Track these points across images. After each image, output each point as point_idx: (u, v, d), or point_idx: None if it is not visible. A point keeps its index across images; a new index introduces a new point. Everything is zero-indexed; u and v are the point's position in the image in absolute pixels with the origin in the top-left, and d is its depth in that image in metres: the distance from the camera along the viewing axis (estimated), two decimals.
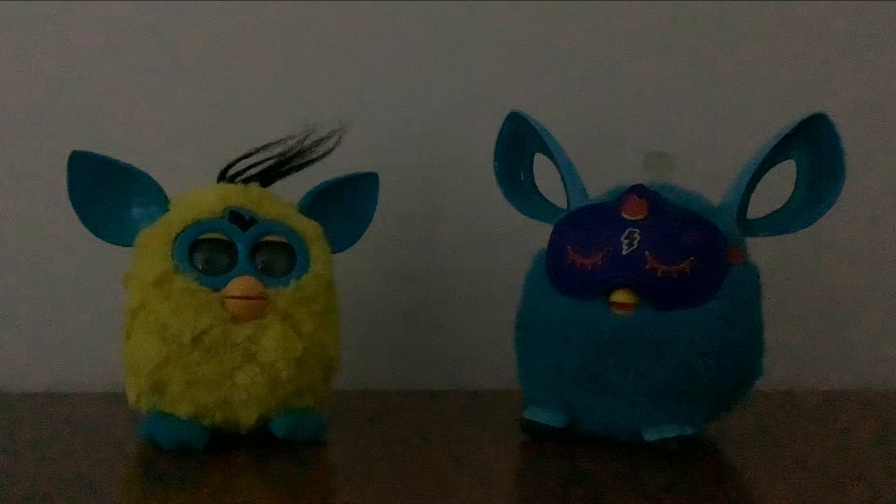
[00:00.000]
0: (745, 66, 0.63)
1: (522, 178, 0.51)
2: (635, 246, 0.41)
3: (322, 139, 0.47)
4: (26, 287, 0.58)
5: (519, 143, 0.50)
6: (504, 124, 0.50)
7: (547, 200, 0.50)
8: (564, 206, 0.48)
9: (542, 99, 0.61)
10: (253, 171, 0.46)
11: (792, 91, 0.63)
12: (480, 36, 0.62)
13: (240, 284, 0.40)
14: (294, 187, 0.46)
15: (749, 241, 0.44)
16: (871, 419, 0.53)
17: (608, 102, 0.62)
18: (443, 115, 0.61)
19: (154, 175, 0.43)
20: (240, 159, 0.45)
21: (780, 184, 0.45)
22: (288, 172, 0.47)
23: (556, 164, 0.48)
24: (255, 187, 0.44)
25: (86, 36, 0.58)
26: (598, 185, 0.47)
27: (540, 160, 0.50)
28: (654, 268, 0.41)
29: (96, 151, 0.43)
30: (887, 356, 0.64)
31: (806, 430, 0.49)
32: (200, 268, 0.41)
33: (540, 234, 0.47)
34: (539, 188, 0.51)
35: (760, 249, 0.45)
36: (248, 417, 0.41)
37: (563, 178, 0.48)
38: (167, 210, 0.43)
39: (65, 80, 0.58)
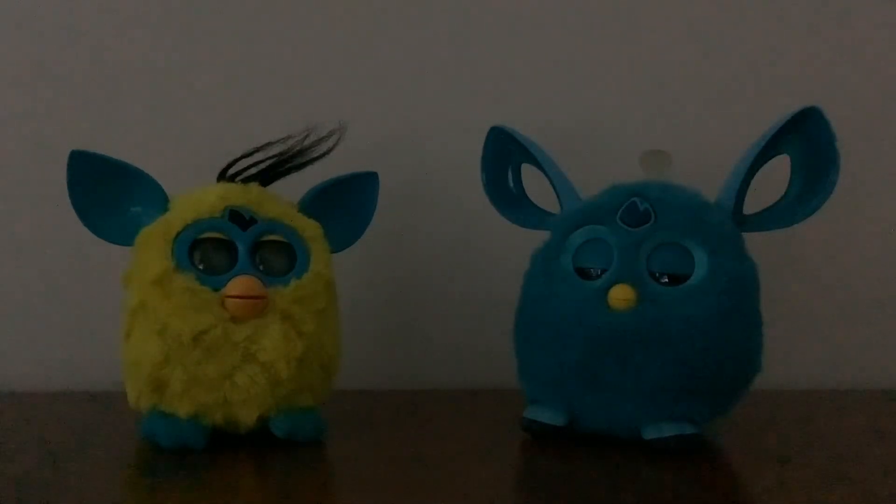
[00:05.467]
0: (740, 62, 0.63)
1: (512, 187, 0.51)
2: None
3: (322, 139, 0.47)
4: (26, 287, 0.58)
5: (504, 156, 0.50)
6: (486, 140, 0.50)
7: (538, 207, 0.50)
8: (557, 211, 0.48)
9: (542, 97, 0.62)
10: (253, 170, 0.46)
11: (786, 86, 0.63)
12: (480, 35, 0.62)
13: (240, 284, 0.40)
14: (294, 187, 0.46)
15: (746, 236, 0.44)
16: (872, 419, 0.53)
17: (606, 100, 0.62)
18: (442, 115, 0.61)
19: (154, 175, 0.43)
20: (240, 159, 0.45)
21: (775, 179, 0.45)
22: (288, 172, 0.47)
23: (544, 173, 0.48)
24: (255, 187, 0.44)
25: (85, 35, 0.58)
26: (594, 183, 0.47)
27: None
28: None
29: (96, 151, 0.43)
30: (887, 356, 0.64)
31: (806, 430, 0.49)
32: (200, 267, 0.41)
33: (539, 234, 0.47)
34: (535, 190, 0.51)
35: (760, 247, 0.45)
36: (247, 417, 0.41)
37: (553, 186, 0.47)
38: (167, 209, 0.43)
39: (65, 79, 0.58)
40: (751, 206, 0.45)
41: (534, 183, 0.50)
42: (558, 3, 0.62)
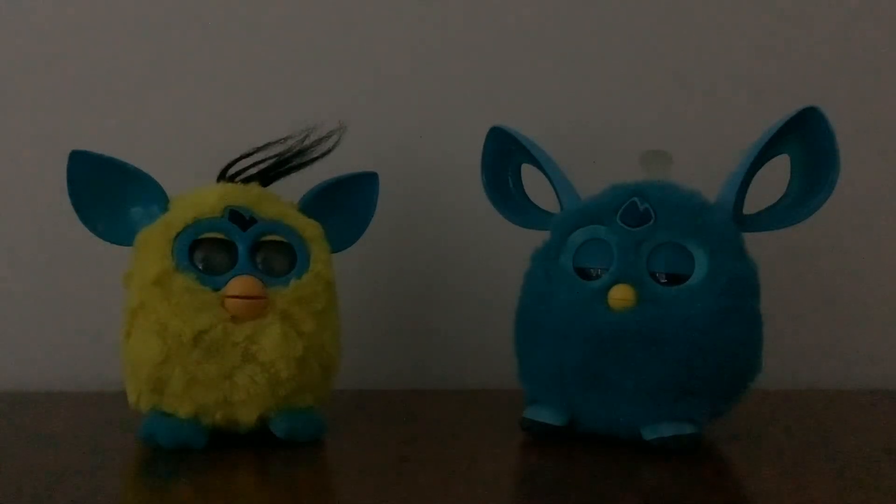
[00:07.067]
0: (740, 62, 0.63)
1: (512, 187, 0.51)
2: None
3: (322, 139, 0.47)
4: (26, 287, 0.58)
5: (504, 156, 0.50)
6: (486, 140, 0.50)
7: (538, 208, 0.50)
8: (557, 211, 0.48)
9: (542, 97, 0.62)
10: (253, 170, 0.46)
11: (786, 86, 0.63)
12: (480, 35, 0.62)
13: (240, 284, 0.41)
14: (294, 187, 0.46)
15: (746, 236, 0.44)
16: (871, 419, 0.53)
17: (606, 100, 0.62)
18: (442, 115, 0.61)
19: (154, 175, 0.44)
20: (240, 159, 0.46)
21: (775, 179, 0.45)
22: (288, 172, 0.47)
23: (544, 173, 0.48)
24: (255, 187, 0.45)
25: (85, 35, 0.58)
26: (594, 182, 0.47)
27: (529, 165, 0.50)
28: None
29: (96, 151, 0.43)
30: (888, 356, 0.64)
31: (806, 430, 0.49)
32: (200, 267, 0.41)
33: (539, 234, 0.47)
34: (535, 190, 0.51)
35: (760, 247, 0.45)
36: (247, 417, 0.41)
37: (553, 186, 0.47)
38: (167, 209, 0.43)
39: (65, 79, 0.58)
40: (751, 206, 0.45)
41: (534, 183, 0.50)
42: (558, 4, 0.62)
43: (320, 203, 0.46)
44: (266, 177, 0.46)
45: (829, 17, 0.63)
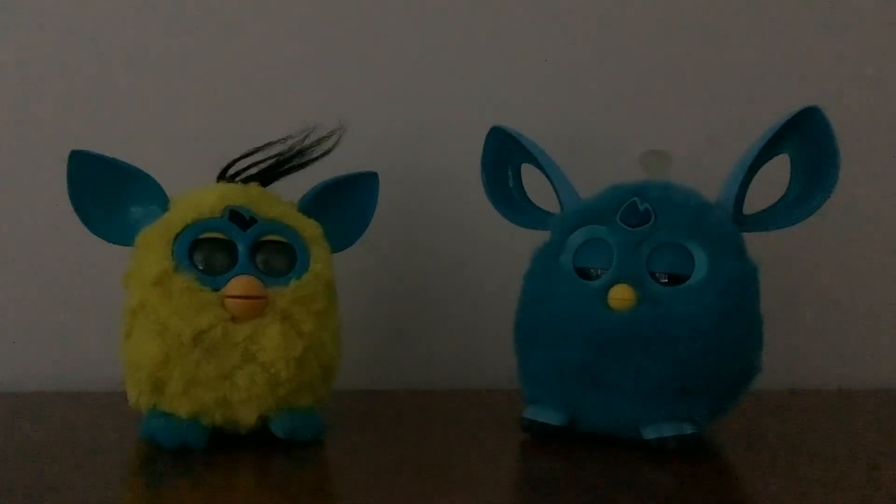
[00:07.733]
0: (740, 62, 0.63)
1: (511, 187, 0.51)
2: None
3: (322, 139, 0.47)
4: (26, 287, 0.58)
5: (504, 155, 0.50)
6: (487, 140, 0.50)
7: (538, 208, 0.50)
8: (557, 211, 0.48)
9: (542, 97, 0.62)
10: (253, 170, 0.46)
11: (786, 86, 0.63)
12: (480, 35, 0.62)
13: (240, 284, 0.40)
14: (294, 187, 0.46)
15: (746, 236, 0.44)
16: (872, 419, 0.53)
17: (606, 100, 0.62)
18: (442, 115, 0.61)
19: (154, 175, 0.44)
20: (240, 159, 0.45)
21: (775, 179, 0.45)
22: (288, 172, 0.47)
23: (544, 173, 0.48)
24: (255, 187, 0.45)
25: (86, 35, 0.58)
26: (594, 182, 0.47)
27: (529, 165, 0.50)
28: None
29: (96, 151, 0.43)
30: (887, 356, 0.64)
31: (806, 430, 0.49)
32: (200, 267, 0.41)
33: (539, 234, 0.47)
34: (535, 190, 0.51)
35: (760, 247, 0.45)
36: (247, 417, 0.41)
37: (553, 186, 0.48)
38: (167, 209, 0.43)
39: (65, 79, 0.58)
40: (751, 206, 0.45)
41: (534, 183, 0.50)
42: (558, 4, 0.62)
43: (320, 203, 0.46)
44: (266, 177, 0.46)
45: (829, 17, 0.63)
